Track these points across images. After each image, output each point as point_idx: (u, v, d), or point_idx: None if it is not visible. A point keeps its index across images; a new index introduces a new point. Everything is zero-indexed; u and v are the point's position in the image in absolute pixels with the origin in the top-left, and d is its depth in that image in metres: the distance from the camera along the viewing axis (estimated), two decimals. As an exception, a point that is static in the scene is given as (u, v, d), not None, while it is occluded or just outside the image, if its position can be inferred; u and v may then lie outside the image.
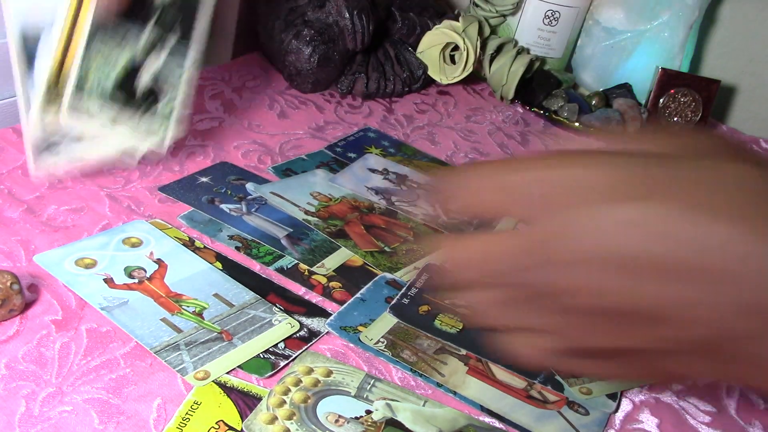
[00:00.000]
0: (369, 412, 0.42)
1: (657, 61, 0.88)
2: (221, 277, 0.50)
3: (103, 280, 0.48)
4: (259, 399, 0.42)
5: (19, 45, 0.47)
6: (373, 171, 0.67)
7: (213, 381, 0.42)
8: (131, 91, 0.51)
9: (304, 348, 0.46)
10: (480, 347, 0.48)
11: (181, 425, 0.39)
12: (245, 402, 0.41)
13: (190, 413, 0.40)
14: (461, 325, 0.50)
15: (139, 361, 0.43)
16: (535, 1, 0.90)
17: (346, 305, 0.50)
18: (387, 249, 0.56)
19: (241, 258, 0.53)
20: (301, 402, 0.42)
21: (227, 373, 0.43)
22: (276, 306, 0.49)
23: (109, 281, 0.48)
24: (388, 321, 0.49)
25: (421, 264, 0.55)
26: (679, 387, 0.49)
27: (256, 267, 0.52)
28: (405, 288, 0.52)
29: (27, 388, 0.40)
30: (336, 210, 0.60)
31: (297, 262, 0.54)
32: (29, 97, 0.49)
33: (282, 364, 0.44)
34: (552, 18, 0.91)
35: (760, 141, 0.90)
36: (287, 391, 0.42)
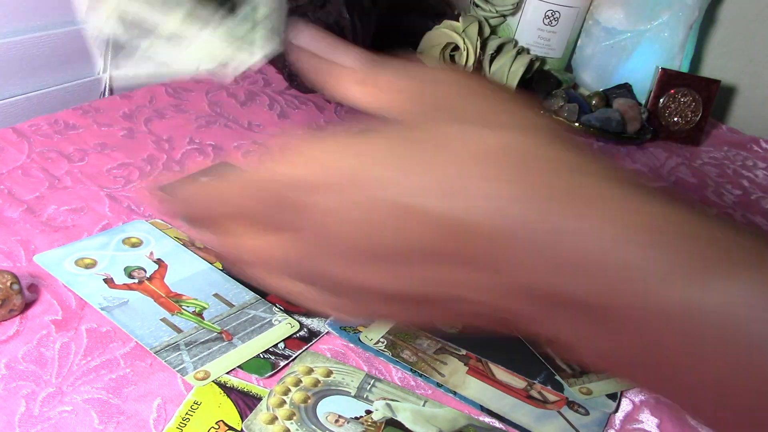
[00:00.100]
0: (369, 412, 0.42)
1: (657, 61, 0.88)
2: (221, 277, 0.50)
3: (103, 280, 0.48)
4: (259, 399, 0.42)
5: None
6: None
7: (213, 381, 0.42)
8: None
9: (304, 348, 0.46)
10: (480, 347, 0.48)
11: (181, 425, 0.39)
12: (245, 402, 0.41)
13: (190, 413, 0.40)
14: (461, 325, 0.50)
15: (139, 361, 0.43)
16: (535, 1, 0.90)
17: (346, 305, 0.50)
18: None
19: (241, 258, 0.53)
20: (301, 402, 0.42)
21: (227, 373, 0.43)
22: (276, 306, 0.49)
23: (109, 281, 0.48)
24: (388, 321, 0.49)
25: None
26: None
27: (256, 267, 0.52)
28: (405, 288, 0.52)
29: (27, 388, 0.40)
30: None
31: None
32: None
33: (282, 364, 0.44)
34: (552, 18, 0.91)
35: (760, 141, 0.90)
36: (287, 391, 0.42)
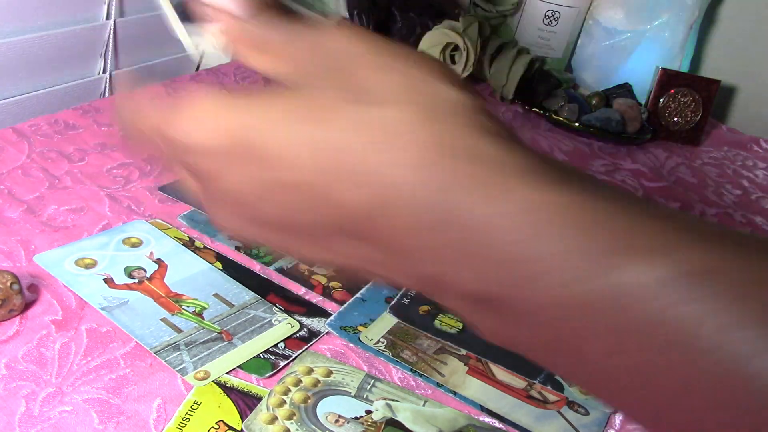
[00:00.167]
0: (369, 412, 0.42)
1: (657, 61, 0.88)
2: (221, 277, 0.50)
3: (103, 280, 0.48)
4: (259, 399, 0.42)
5: None
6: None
7: (213, 381, 0.42)
8: None
9: (304, 348, 0.46)
10: (480, 347, 0.48)
11: (181, 425, 0.39)
12: (245, 402, 0.41)
13: (190, 413, 0.40)
14: (461, 325, 0.50)
15: (139, 361, 0.43)
16: (535, 1, 0.90)
17: (346, 305, 0.50)
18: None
19: (241, 258, 0.53)
20: (301, 402, 0.42)
21: (227, 373, 0.43)
22: (276, 306, 0.49)
23: (109, 281, 0.48)
24: (388, 321, 0.49)
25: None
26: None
27: (256, 267, 0.52)
28: (405, 288, 0.52)
29: (27, 388, 0.40)
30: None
31: (297, 261, 0.54)
32: None
33: (282, 364, 0.44)
34: (552, 18, 0.91)
35: (760, 141, 0.90)
36: (287, 391, 0.42)
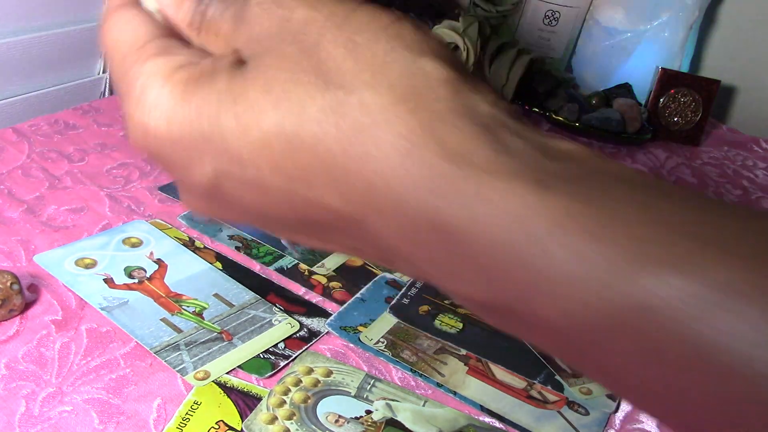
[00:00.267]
0: (369, 412, 0.42)
1: (657, 61, 0.88)
2: (221, 277, 0.50)
3: (103, 280, 0.48)
4: (259, 399, 0.42)
5: None
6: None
7: (213, 381, 0.42)
8: None
9: (304, 348, 0.46)
10: (480, 347, 0.48)
11: (181, 425, 0.39)
12: (245, 402, 0.41)
13: (190, 413, 0.40)
14: (461, 325, 0.50)
15: (139, 361, 0.43)
16: (535, 1, 0.90)
17: (346, 305, 0.50)
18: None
19: (241, 258, 0.53)
20: (301, 402, 0.42)
21: (227, 373, 0.43)
22: (276, 306, 0.49)
23: (109, 281, 0.48)
24: (388, 321, 0.49)
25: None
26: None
27: (256, 267, 0.52)
28: (405, 288, 0.52)
29: (27, 388, 0.40)
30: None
31: (297, 261, 0.54)
32: None
33: (282, 364, 0.44)
34: (552, 18, 0.91)
35: (760, 141, 0.90)
36: (287, 391, 0.42)
